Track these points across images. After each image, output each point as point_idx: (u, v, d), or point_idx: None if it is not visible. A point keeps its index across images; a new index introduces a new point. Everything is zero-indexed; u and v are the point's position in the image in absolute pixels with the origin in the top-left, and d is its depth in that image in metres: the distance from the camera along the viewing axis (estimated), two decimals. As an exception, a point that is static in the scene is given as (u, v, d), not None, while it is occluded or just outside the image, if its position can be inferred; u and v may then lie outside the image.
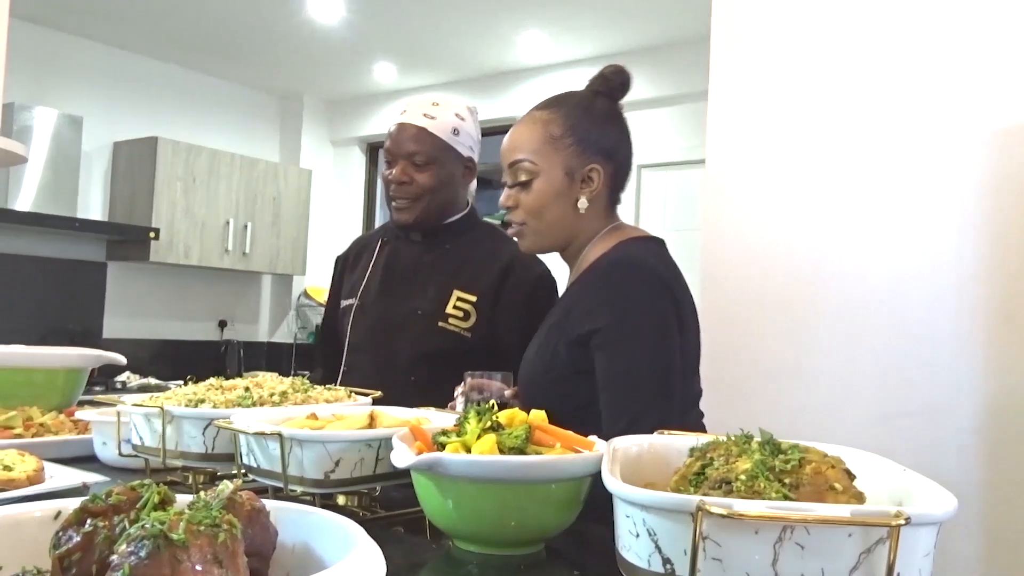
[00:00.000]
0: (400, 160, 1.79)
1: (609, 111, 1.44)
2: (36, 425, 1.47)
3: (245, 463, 1.08)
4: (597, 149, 1.40)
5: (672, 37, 4.52)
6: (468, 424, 0.97)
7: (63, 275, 4.81)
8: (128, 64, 5.11)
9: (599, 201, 1.42)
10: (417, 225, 1.83)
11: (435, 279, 1.82)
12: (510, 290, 1.78)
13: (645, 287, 1.33)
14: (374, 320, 1.84)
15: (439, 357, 1.75)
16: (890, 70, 2.23)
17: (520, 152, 1.41)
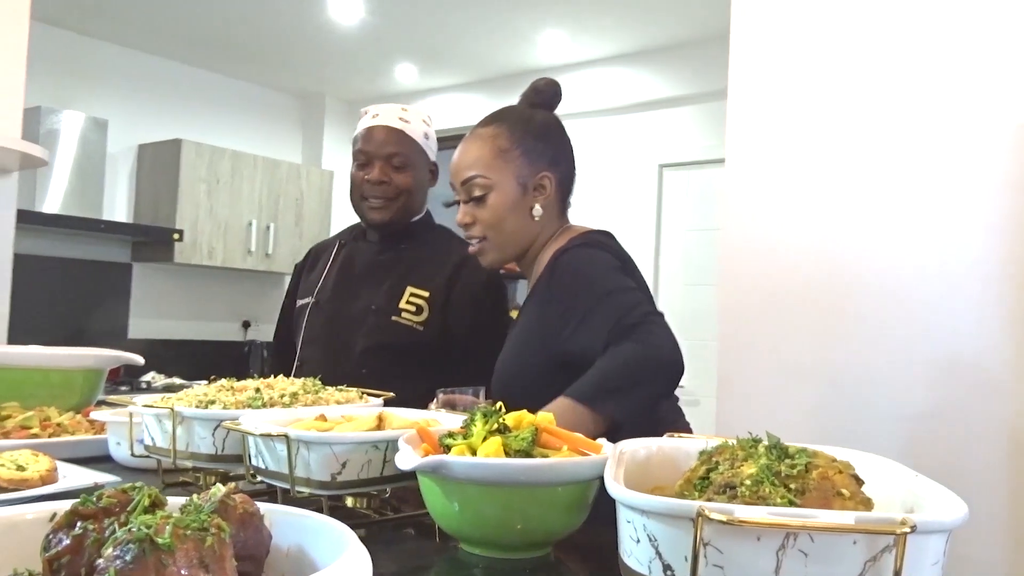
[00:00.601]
0: (378, 161, 1.85)
1: (548, 121, 1.50)
2: (53, 425, 1.48)
3: (254, 464, 1.08)
4: (544, 158, 1.46)
5: (691, 35, 4.49)
6: (474, 426, 0.96)
7: (89, 276, 4.87)
8: (152, 67, 5.17)
9: (551, 207, 1.48)
10: (389, 224, 1.89)
11: (389, 277, 1.88)
12: (461, 289, 1.85)
13: (585, 255, 1.40)
14: (329, 316, 1.91)
15: (392, 350, 1.82)
16: (912, 66, 2.20)
17: (472, 169, 1.45)
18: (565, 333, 1.33)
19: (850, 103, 2.30)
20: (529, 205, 1.44)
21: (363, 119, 1.94)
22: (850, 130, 2.30)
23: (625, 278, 1.37)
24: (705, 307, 4.33)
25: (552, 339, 1.36)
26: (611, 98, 4.86)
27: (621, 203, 4.81)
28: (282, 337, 2.09)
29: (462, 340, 1.84)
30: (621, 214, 4.81)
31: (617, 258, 1.42)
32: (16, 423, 1.44)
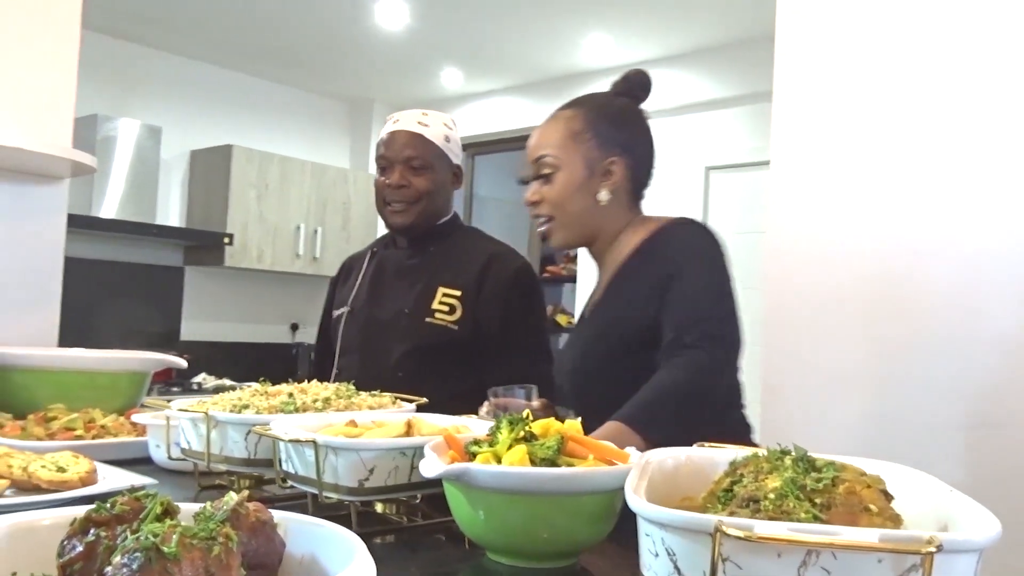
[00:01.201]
0: (397, 165, 1.88)
1: (628, 109, 1.51)
2: (97, 427, 1.52)
3: (284, 469, 1.09)
4: (616, 143, 1.46)
5: (737, 37, 4.43)
6: (500, 434, 0.96)
7: (143, 279, 4.99)
8: (204, 75, 5.27)
9: (621, 195, 1.47)
10: (412, 228, 1.91)
11: (421, 280, 1.89)
12: (491, 283, 1.85)
13: (710, 237, 1.41)
14: (363, 323, 1.93)
15: (427, 351, 1.83)
16: (963, 65, 2.13)
17: (543, 148, 1.47)
18: (656, 300, 1.34)
19: (897, 103, 2.25)
20: (595, 189, 1.44)
21: (385, 126, 1.97)
22: (898, 131, 2.24)
23: (726, 276, 1.38)
24: (752, 311, 4.27)
25: (644, 306, 1.36)
26: (657, 100, 4.79)
27: (667, 206, 4.76)
28: (321, 349, 2.13)
29: (494, 335, 1.85)
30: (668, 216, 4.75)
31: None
32: (61, 425, 1.47)
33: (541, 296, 2.00)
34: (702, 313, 1.31)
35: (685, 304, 1.32)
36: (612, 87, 1.54)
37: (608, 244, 1.48)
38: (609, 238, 1.48)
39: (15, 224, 2.05)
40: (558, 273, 5.62)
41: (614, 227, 1.47)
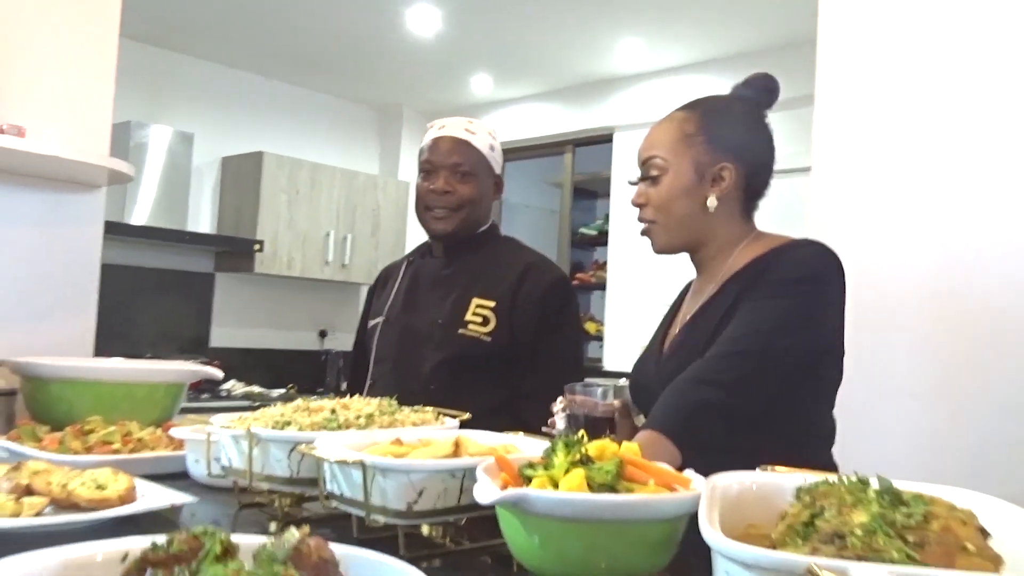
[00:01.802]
0: (442, 170, 1.86)
1: (748, 113, 1.42)
2: (134, 440, 1.49)
3: (329, 490, 1.05)
4: (729, 148, 1.37)
5: (770, 42, 4.36)
6: (556, 456, 0.91)
7: (173, 285, 5.00)
8: (235, 81, 5.29)
9: (731, 203, 1.39)
10: (453, 235, 1.88)
11: (455, 290, 1.87)
12: (525, 293, 1.83)
13: (823, 261, 1.30)
14: (398, 334, 1.91)
15: (460, 363, 1.80)
16: (1007, 70, 2.07)
17: (653, 149, 1.41)
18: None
19: (942, 107, 2.19)
20: (704, 195, 1.37)
21: (429, 132, 1.95)
22: (944, 137, 2.18)
23: (816, 306, 1.29)
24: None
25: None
26: (689, 106, 4.76)
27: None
28: (357, 358, 2.11)
29: (529, 345, 1.81)
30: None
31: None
32: (99, 438, 1.45)
33: (577, 308, 1.97)
34: (754, 340, 1.24)
35: (748, 323, 1.26)
36: (733, 89, 1.46)
37: (715, 254, 1.40)
38: (716, 247, 1.40)
39: (52, 232, 2.04)
40: (587, 281, 5.57)
41: (722, 236, 1.39)
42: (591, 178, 5.56)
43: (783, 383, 1.25)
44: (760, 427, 1.24)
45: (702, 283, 1.44)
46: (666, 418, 1.19)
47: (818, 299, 1.28)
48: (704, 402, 1.20)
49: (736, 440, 1.19)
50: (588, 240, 5.62)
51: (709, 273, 1.42)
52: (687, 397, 1.22)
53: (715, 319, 1.32)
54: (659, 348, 1.46)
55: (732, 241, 1.39)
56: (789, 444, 1.28)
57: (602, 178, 5.39)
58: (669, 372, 1.34)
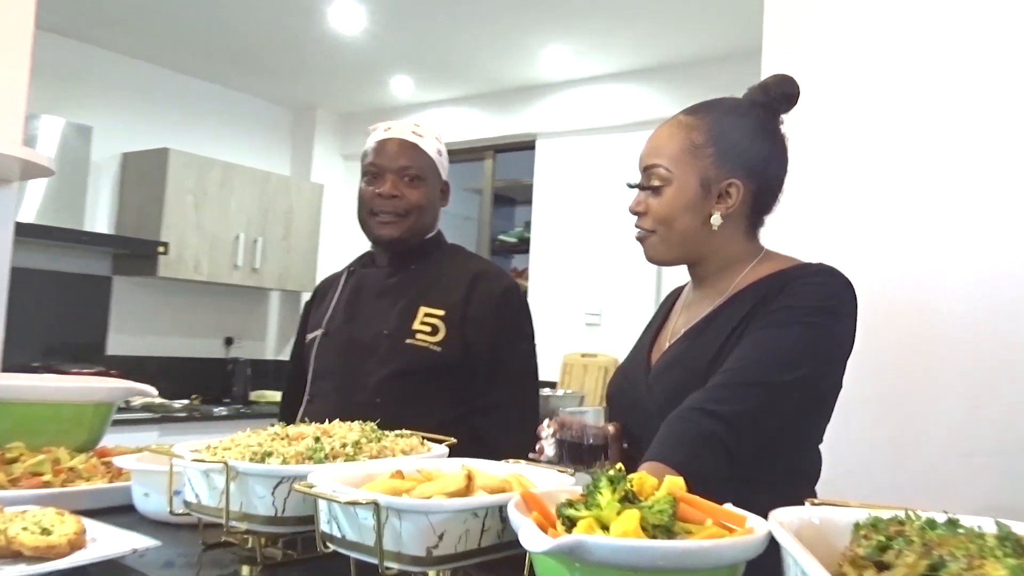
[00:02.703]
0: (389, 174, 1.78)
1: (763, 124, 1.31)
2: (65, 470, 1.32)
3: (326, 532, 0.93)
4: (740, 163, 1.28)
5: (698, 54, 4.40)
6: (601, 494, 0.82)
7: (67, 289, 4.66)
8: (139, 73, 4.98)
9: (736, 221, 1.31)
10: (399, 242, 1.79)
11: (401, 299, 1.79)
12: (477, 303, 1.75)
13: (835, 290, 1.22)
14: (339, 346, 1.80)
15: (408, 375, 1.71)
16: (957, 79, 2.11)
17: (657, 157, 1.31)
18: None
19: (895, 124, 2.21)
20: (708, 211, 1.28)
21: (374, 133, 1.85)
22: (895, 153, 2.20)
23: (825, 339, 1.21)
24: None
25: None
26: (613, 116, 4.77)
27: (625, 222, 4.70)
28: (292, 374, 1.98)
29: (484, 357, 1.72)
30: (625, 234, 4.69)
31: None
32: (26, 469, 1.27)
33: (530, 317, 1.88)
34: (762, 371, 1.16)
35: (756, 351, 1.18)
36: (748, 93, 1.34)
37: (717, 270, 1.32)
38: (717, 264, 1.32)
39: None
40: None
41: (724, 253, 1.31)
42: (511, 185, 5.49)
43: (788, 418, 1.19)
44: (757, 462, 1.18)
45: (699, 297, 1.36)
46: (671, 449, 1.11)
47: (831, 332, 1.21)
48: (708, 434, 1.13)
49: (731, 474, 1.12)
50: (507, 247, 5.55)
51: (709, 288, 1.34)
52: (690, 428, 1.14)
53: (717, 339, 1.24)
54: (646, 362, 1.37)
55: (736, 258, 1.32)
56: (778, 480, 1.22)
57: (523, 185, 5.33)
58: (662, 390, 1.28)
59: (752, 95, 1.33)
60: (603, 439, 1.26)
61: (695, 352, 1.26)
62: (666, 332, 1.39)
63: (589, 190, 4.86)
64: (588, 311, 4.81)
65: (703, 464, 1.07)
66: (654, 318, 1.50)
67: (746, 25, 3.96)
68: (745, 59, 4.22)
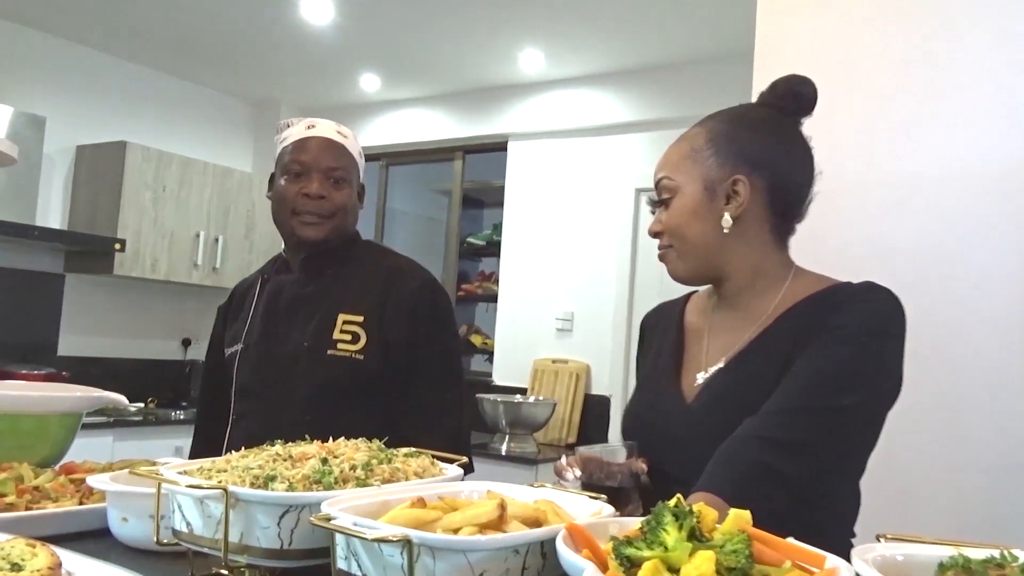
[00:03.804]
0: (315, 173, 1.70)
1: (766, 119, 1.25)
2: (30, 489, 1.19)
3: (343, 569, 0.82)
4: (743, 159, 1.21)
5: (671, 59, 4.36)
6: (665, 531, 0.73)
7: (16, 287, 4.44)
8: (96, 63, 4.77)
9: (755, 224, 1.23)
10: (323, 243, 1.72)
11: (319, 308, 1.71)
12: (393, 303, 1.69)
13: (890, 313, 1.14)
14: (259, 362, 1.73)
15: (333, 388, 1.64)
16: (949, 83, 2.09)
17: (662, 170, 1.26)
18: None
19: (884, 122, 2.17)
20: (717, 214, 1.20)
21: (292, 129, 1.76)
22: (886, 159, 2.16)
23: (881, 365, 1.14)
24: (680, 337, 4.18)
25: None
26: (585, 119, 4.70)
27: (597, 227, 4.64)
28: (210, 386, 1.88)
29: (403, 361, 1.65)
30: (596, 238, 4.63)
31: None
32: (-14, 489, 1.14)
33: (450, 312, 1.80)
34: (819, 395, 1.09)
35: (812, 374, 1.11)
36: (759, 96, 1.29)
37: (746, 287, 1.24)
38: (745, 278, 1.24)
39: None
40: (473, 292, 5.39)
41: (749, 265, 1.23)
42: (480, 186, 5.39)
43: (845, 447, 1.12)
44: (809, 493, 1.09)
45: (732, 320, 1.26)
46: (723, 480, 1.03)
47: (887, 355, 1.13)
48: (762, 463, 1.05)
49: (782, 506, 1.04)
50: (475, 250, 5.44)
51: (742, 310, 1.25)
52: (742, 456, 1.06)
53: (768, 368, 1.15)
54: (676, 393, 1.26)
55: (767, 273, 1.24)
56: (821, 514, 1.14)
57: (493, 187, 5.23)
58: (710, 424, 1.17)
59: (762, 98, 1.29)
60: (633, 480, 1.16)
61: (744, 383, 1.17)
62: (693, 361, 1.29)
63: (562, 193, 4.78)
64: (559, 316, 4.73)
65: (756, 496, 0.98)
66: (652, 339, 1.42)
67: (718, 30, 3.92)
68: (716, 64, 4.21)
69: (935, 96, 2.11)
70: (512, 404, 4.21)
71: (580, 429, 4.50)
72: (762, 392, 1.13)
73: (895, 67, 2.19)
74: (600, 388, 4.55)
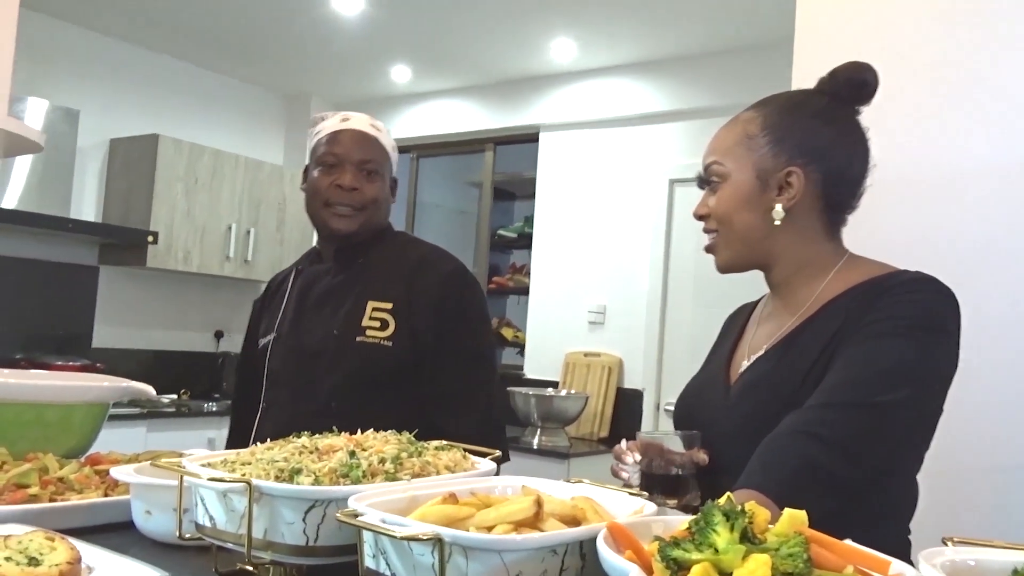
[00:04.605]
0: (349, 166, 1.70)
1: (825, 109, 1.20)
2: (54, 480, 1.16)
3: (371, 568, 0.78)
4: (800, 150, 1.17)
5: (704, 48, 4.27)
6: (716, 532, 0.68)
7: (52, 279, 4.47)
8: (129, 56, 4.79)
9: (807, 216, 1.19)
10: (354, 236, 1.73)
11: (348, 297, 1.72)
12: (421, 290, 1.68)
13: (942, 304, 1.10)
14: (289, 351, 1.74)
15: (362, 375, 1.63)
16: (991, 71, 2.00)
17: (712, 154, 1.22)
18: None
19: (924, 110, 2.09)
20: (767, 205, 1.17)
21: (327, 122, 1.77)
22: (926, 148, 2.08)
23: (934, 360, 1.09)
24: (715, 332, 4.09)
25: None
26: (619, 109, 4.63)
27: (630, 218, 4.57)
28: (244, 378, 1.90)
29: (432, 348, 1.63)
30: (629, 230, 4.56)
31: None
32: (9, 479, 1.11)
33: (479, 299, 1.78)
34: (867, 390, 1.04)
35: (858, 368, 1.06)
36: (817, 83, 1.24)
37: (794, 275, 1.21)
38: (793, 268, 1.20)
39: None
40: (504, 284, 5.34)
41: (798, 255, 1.20)
42: (511, 178, 5.34)
43: (894, 443, 1.06)
44: (861, 492, 1.04)
45: (778, 308, 1.24)
46: (766, 477, 0.98)
47: (937, 350, 1.08)
48: (809, 460, 1.00)
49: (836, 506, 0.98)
50: (506, 243, 5.40)
51: (788, 298, 1.22)
52: (789, 452, 1.01)
53: (806, 357, 1.12)
54: (723, 381, 1.25)
55: (815, 262, 1.20)
56: (874, 513, 1.09)
57: (524, 179, 5.18)
58: (743, 412, 1.15)
59: (820, 85, 1.25)
60: (693, 468, 1.13)
61: (781, 371, 1.14)
62: (743, 348, 1.27)
63: (594, 184, 4.72)
64: (591, 309, 4.67)
65: (803, 494, 0.92)
66: (726, 333, 1.40)
67: (756, 18, 3.84)
68: (754, 52, 4.11)
69: (983, 83, 2.03)
70: (544, 398, 4.16)
71: (612, 423, 4.44)
72: (795, 381, 1.10)
73: (938, 54, 2.10)
74: (633, 382, 4.48)
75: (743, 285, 1.40)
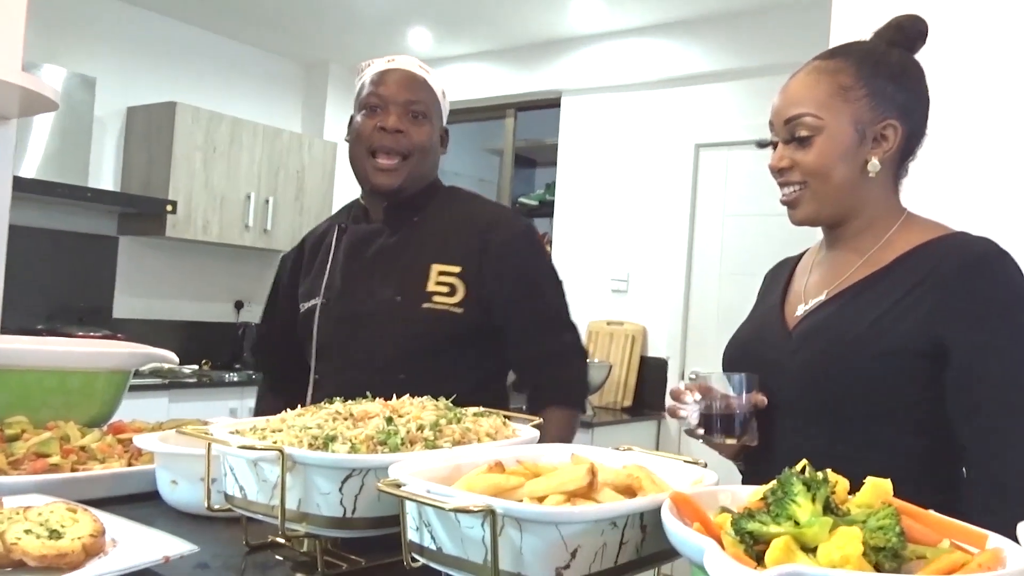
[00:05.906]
0: (393, 107, 1.55)
1: (906, 63, 1.21)
2: (76, 450, 1.12)
3: (414, 541, 0.73)
4: (894, 104, 1.18)
5: (734, 8, 4.14)
6: (796, 503, 0.62)
7: (71, 249, 4.44)
8: (146, 23, 4.72)
9: (890, 169, 1.20)
10: (398, 192, 1.58)
11: (407, 258, 1.58)
12: (495, 255, 1.55)
13: (1018, 276, 1.10)
14: (343, 318, 1.59)
15: (430, 344, 1.52)
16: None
17: (801, 106, 1.18)
18: None
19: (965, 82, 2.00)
20: (864, 157, 1.17)
21: (374, 65, 1.62)
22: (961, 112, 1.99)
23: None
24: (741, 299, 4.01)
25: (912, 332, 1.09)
26: (645, 71, 4.52)
27: (654, 185, 4.48)
28: (279, 349, 1.75)
29: (506, 313, 1.53)
30: (654, 197, 4.48)
31: None
32: (30, 448, 1.07)
33: (548, 257, 1.69)
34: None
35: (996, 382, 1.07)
36: (879, 34, 1.24)
37: (861, 229, 1.21)
38: (869, 219, 1.21)
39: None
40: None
41: (873, 207, 1.20)
42: (533, 145, 5.25)
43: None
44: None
45: (837, 258, 1.24)
46: None
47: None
48: None
49: None
50: (528, 211, 5.31)
51: (848, 250, 1.22)
52: None
53: (876, 306, 1.13)
54: (780, 324, 1.24)
55: (887, 215, 1.21)
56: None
57: (545, 145, 5.09)
58: (808, 353, 1.16)
59: (887, 35, 1.23)
60: (751, 411, 1.14)
61: (848, 315, 1.15)
62: (795, 295, 1.27)
63: (618, 150, 4.62)
64: (615, 277, 4.60)
65: None
66: (771, 284, 1.37)
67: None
68: (789, 10, 3.98)
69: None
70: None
71: (636, 392, 4.38)
72: (861, 325, 1.11)
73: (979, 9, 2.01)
74: (657, 351, 4.42)
75: (770, 250, 1.35)
